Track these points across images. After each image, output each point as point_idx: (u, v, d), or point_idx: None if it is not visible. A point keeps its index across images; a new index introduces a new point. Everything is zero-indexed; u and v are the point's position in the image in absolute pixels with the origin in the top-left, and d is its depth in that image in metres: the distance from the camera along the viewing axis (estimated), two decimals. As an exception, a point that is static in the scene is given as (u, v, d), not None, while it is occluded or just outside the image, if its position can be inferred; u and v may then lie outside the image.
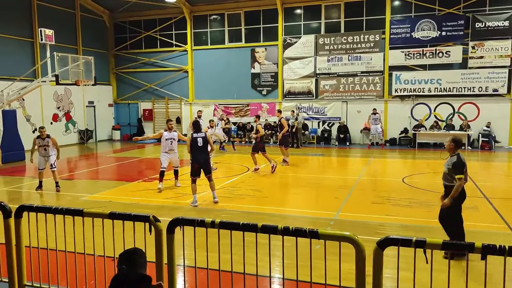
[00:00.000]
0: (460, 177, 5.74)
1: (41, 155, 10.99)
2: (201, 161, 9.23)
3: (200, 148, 9.21)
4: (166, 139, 10.78)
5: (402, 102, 21.02)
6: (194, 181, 9.30)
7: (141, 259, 3.01)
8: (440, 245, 3.08)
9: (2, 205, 4.47)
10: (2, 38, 19.25)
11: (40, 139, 10.93)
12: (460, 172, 5.77)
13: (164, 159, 10.88)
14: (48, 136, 10.98)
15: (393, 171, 14.61)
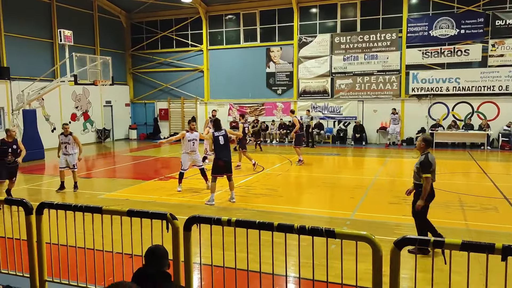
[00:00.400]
0: (427, 176, 5.86)
1: (63, 153, 10.87)
2: (225, 159, 9.21)
3: (222, 146, 9.23)
4: (188, 140, 10.52)
5: (419, 101, 20.76)
6: (215, 179, 9.31)
7: (162, 257, 3.06)
8: (459, 245, 3.04)
9: (24, 202, 4.57)
10: (23, 39, 19.67)
11: (63, 135, 10.80)
12: (427, 171, 5.88)
13: (185, 160, 10.65)
14: (70, 134, 10.84)
15: (410, 171, 14.33)
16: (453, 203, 9.13)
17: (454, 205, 9.01)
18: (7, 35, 18.86)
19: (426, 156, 6.00)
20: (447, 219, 7.98)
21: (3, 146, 9.29)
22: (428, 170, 5.87)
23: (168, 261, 3.10)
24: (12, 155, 9.30)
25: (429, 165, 5.89)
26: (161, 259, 3.04)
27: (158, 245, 3.18)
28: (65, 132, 10.80)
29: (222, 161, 9.19)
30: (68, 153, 10.80)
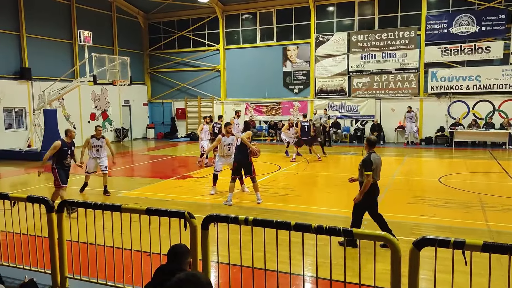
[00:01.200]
0: (368, 174, 6.11)
1: (93, 156, 10.22)
2: (239, 160, 9.30)
3: (238, 148, 9.38)
4: (224, 145, 10.01)
5: (438, 100, 20.42)
6: (234, 180, 9.34)
7: (183, 256, 3.09)
8: (480, 246, 2.99)
9: (45, 200, 4.67)
10: (44, 41, 20.09)
11: (95, 138, 10.16)
12: (368, 169, 6.13)
13: (219, 163, 10.21)
14: (103, 137, 10.26)
15: (429, 171, 14.23)
16: (474, 203, 8.96)
17: (475, 205, 8.85)
18: (28, 37, 19.28)
19: (369, 155, 6.27)
20: (467, 220, 7.85)
21: (64, 147, 8.46)
22: (369, 168, 6.11)
23: (189, 260, 3.13)
24: (71, 157, 8.63)
25: (370, 163, 6.13)
26: (182, 258, 3.07)
27: (180, 244, 3.21)
28: (97, 135, 10.21)
29: (236, 162, 9.35)
30: (100, 157, 10.23)
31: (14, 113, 19.06)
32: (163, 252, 3.55)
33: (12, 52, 18.81)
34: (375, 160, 6.21)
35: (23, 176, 13.90)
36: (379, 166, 6.30)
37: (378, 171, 6.29)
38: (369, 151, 6.38)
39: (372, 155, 6.27)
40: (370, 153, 6.31)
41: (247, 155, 9.33)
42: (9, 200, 4.91)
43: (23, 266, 5.11)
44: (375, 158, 6.25)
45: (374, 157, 6.26)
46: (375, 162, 6.19)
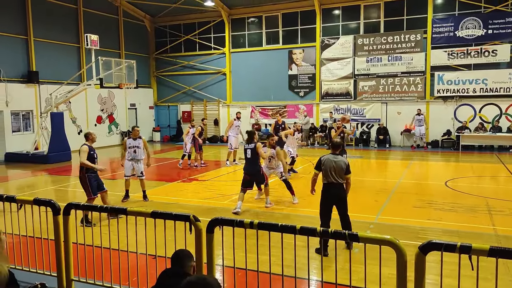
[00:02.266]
0: (315, 171, 6.60)
1: (129, 158, 9.84)
2: (250, 172, 8.93)
3: (249, 160, 8.96)
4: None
5: (444, 103, 20.33)
6: (244, 191, 8.98)
7: (185, 259, 3.10)
8: (487, 251, 2.96)
9: (52, 203, 4.70)
10: (51, 44, 20.26)
11: (132, 139, 9.88)
12: (315, 167, 6.56)
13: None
14: (140, 137, 9.95)
15: (435, 174, 14.14)
16: (481, 208, 8.90)
17: (482, 209, 8.78)
18: (36, 41, 19.46)
19: (323, 157, 6.56)
20: (474, 224, 7.79)
21: (91, 152, 8.08)
22: (317, 166, 6.53)
23: (192, 263, 3.14)
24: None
25: (318, 162, 6.50)
26: (184, 261, 3.08)
27: (183, 249, 3.24)
28: (134, 136, 9.90)
29: (247, 175, 8.96)
30: (137, 159, 9.89)
31: (21, 116, 19.21)
32: (168, 255, 3.56)
33: (20, 56, 18.99)
34: (325, 161, 6.39)
35: (30, 178, 14.00)
36: (330, 168, 6.33)
37: (329, 173, 6.34)
38: (331, 152, 6.57)
39: (326, 156, 6.48)
40: (329, 155, 6.48)
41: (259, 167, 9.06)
42: (16, 203, 4.94)
43: (29, 269, 5.14)
44: (327, 160, 6.40)
45: (327, 158, 6.41)
46: (324, 163, 6.38)
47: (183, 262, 3.07)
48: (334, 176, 6.33)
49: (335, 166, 6.34)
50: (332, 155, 6.49)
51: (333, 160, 6.38)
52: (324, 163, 6.39)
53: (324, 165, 6.39)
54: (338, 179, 6.34)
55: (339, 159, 6.42)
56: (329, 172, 6.34)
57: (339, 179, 6.34)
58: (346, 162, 6.48)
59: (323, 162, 6.41)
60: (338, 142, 6.75)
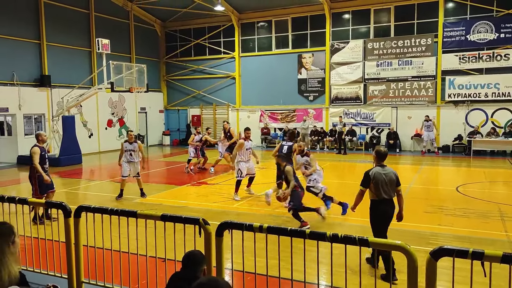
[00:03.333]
0: (361, 188, 5.74)
1: (126, 160, 10.53)
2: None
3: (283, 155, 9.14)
4: (246, 149, 10.35)
5: (456, 108, 20.14)
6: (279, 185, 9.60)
7: (196, 263, 3.10)
8: (500, 257, 2.92)
9: (63, 205, 4.74)
10: (63, 49, 20.52)
11: (128, 143, 10.56)
12: (362, 184, 5.71)
13: (243, 168, 10.37)
14: (135, 141, 10.64)
15: (446, 180, 14.00)
16: (493, 213, 8.78)
17: (494, 215, 8.66)
18: (48, 45, 19.72)
19: (370, 170, 5.72)
20: (486, 230, 7.69)
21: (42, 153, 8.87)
22: (364, 183, 5.70)
23: (204, 267, 3.14)
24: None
25: (367, 179, 5.64)
26: (197, 266, 3.08)
27: (195, 250, 3.23)
28: (129, 140, 10.60)
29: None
30: (134, 161, 10.58)
31: (33, 119, 19.45)
32: (178, 258, 3.56)
33: (33, 60, 19.26)
34: (375, 176, 5.59)
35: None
36: (381, 183, 5.58)
37: (382, 188, 5.58)
38: (377, 164, 5.77)
39: (374, 169, 5.67)
40: (375, 167, 5.74)
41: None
42: (28, 205, 5.00)
43: (40, 270, 5.19)
44: (377, 173, 5.61)
45: (376, 172, 5.63)
46: (375, 179, 5.58)
47: (195, 266, 3.07)
48: (386, 191, 5.60)
49: (386, 180, 5.60)
50: (379, 167, 5.71)
51: (382, 173, 5.63)
52: (374, 177, 5.59)
53: (374, 180, 5.59)
54: (391, 194, 5.64)
55: (388, 171, 5.69)
56: (380, 187, 5.58)
57: (391, 193, 5.65)
58: (396, 173, 5.76)
59: (373, 177, 5.59)
60: (384, 151, 5.88)
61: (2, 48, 17.90)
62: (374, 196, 5.65)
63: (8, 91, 18.01)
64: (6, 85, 18.02)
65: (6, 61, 18.01)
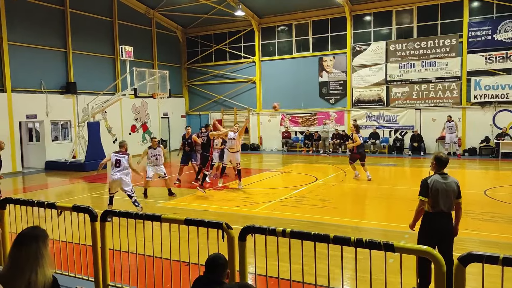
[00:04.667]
0: (421, 199, 4.98)
1: (152, 164, 11.29)
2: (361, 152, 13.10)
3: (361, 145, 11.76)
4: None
5: (482, 109, 19.63)
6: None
7: (219, 267, 3.10)
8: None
9: (89, 209, 4.85)
10: (88, 56, 21.02)
11: (152, 149, 11.30)
12: (421, 193, 4.97)
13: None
14: (158, 146, 11.44)
15: (473, 183, 13.64)
16: (523, 218, 8.49)
17: (524, 220, 8.38)
18: (74, 53, 20.24)
19: (428, 177, 5.06)
20: (516, 235, 7.45)
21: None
22: (422, 192, 4.98)
23: (227, 271, 3.15)
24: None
25: (425, 187, 4.95)
26: (220, 270, 3.08)
27: (218, 254, 3.24)
28: (153, 145, 11.36)
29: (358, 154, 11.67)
30: (159, 164, 11.36)
31: (60, 125, 19.97)
32: (201, 262, 3.59)
33: (59, 68, 19.80)
34: (434, 185, 4.91)
35: (68, 186, 14.49)
36: (440, 193, 4.90)
37: (439, 200, 4.90)
38: (436, 172, 5.09)
39: (433, 177, 4.99)
40: (434, 175, 5.07)
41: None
42: (56, 209, 5.13)
43: (68, 273, 5.31)
44: (436, 182, 4.93)
45: (436, 180, 4.95)
46: (434, 188, 4.90)
47: (219, 270, 3.08)
48: (444, 203, 4.92)
49: (446, 190, 4.91)
50: (439, 175, 5.02)
51: (443, 182, 4.93)
52: (433, 186, 4.91)
53: (432, 189, 4.90)
54: (449, 207, 4.95)
55: (449, 180, 4.98)
56: (439, 198, 4.89)
57: (450, 207, 4.96)
58: (458, 182, 5.08)
59: (432, 185, 4.91)
60: (446, 157, 5.16)
61: (31, 57, 18.47)
62: (429, 208, 4.97)
63: (37, 99, 18.57)
64: (35, 92, 18.58)
65: (35, 70, 18.57)
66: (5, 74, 17.35)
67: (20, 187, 14.82)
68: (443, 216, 4.94)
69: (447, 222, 4.96)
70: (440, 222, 4.94)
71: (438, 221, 4.94)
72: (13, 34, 17.66)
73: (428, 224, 4.99)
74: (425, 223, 5.03)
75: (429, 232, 4.96)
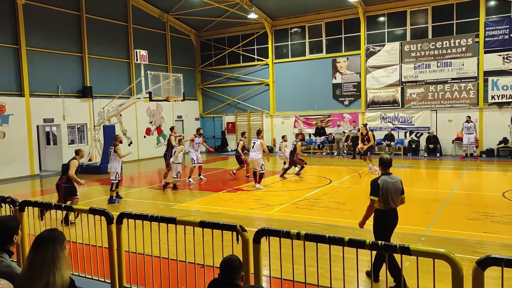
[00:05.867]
0: (372, 198, 5.41)
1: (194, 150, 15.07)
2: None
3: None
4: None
5: (500, 110, 19.28)
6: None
7: (234, 269, 3.10)
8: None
9: (106, 212, 4.91)
10: (104, 60, 21.32)
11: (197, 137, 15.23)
12: (372, 193, 5.39)
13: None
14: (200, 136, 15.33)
15: (491, 185, 13.40)
16: (543, 221, 8.31)
17: (545, 222, 8.19)
18: (90, 57, 20.55)
19: (378, 178, 5.48)
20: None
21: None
22: (373, 192, 5.38)
23: (242, 274, 3.14)
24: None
25: (376, 187, 5.37)
26: (234, 272, 3.08)
27: (233, 256, 3.24)
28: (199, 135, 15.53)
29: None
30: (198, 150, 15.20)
31: (76, 129, 20.27)
32: (216, 264, 3.60)
33: (76, 72, 20.12)
34: (384, 185, 5.35)
35: (84, 188, 14.66)
36: (390, 192, 5.36)
37: (391, 197, 5.37)
38: (383, 172, 5.56)
39: (382, 178, 5.44)
40: (381, 175, 5.52)
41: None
42: (73, 212, 5.20)
43: (85, 275, 5.38)
44: (386, 182, 5.39)
45: (385, 180, 5.41)
46: (384, 187, 5.34)
47: (234, 273, 3.07)
48: (394, 200, 5.41)
49: (395, 188, 5.42)
50: (387, 175, 5.51)
51: (391, 182, 5.43)
52: (383, 186, 5.37)
53: (382, 188, 5.36)
54: (397, 203, 5.47)
55: (396, 179, 5.50)
56: (389, 196, 5.37)
57: (398, 203, 5.48)
58: (401, 180, 5.59)
59: (382, 185, 5.37)
60: (388, 159, 5.65)
61: (48, 62, 18.81)
62: (382, 205, 5.39)
63: (54, 103, 18.89)
64: (52, 97, 18.91)
65: (52, 74, 18.91)
66: (23, 79, 17.70)
67: (38, 189, 15.08)
68: (394, 212, 5.50)
69: (397, 217, 5.55)
70: (393, 217, 5.50)
71: (391, 217, 5.49)
72: (31, 40, 18.02)
73: (383, 220, 5.47)
74: (379, 220, 5.49)
75: (386, 227, 5.48)
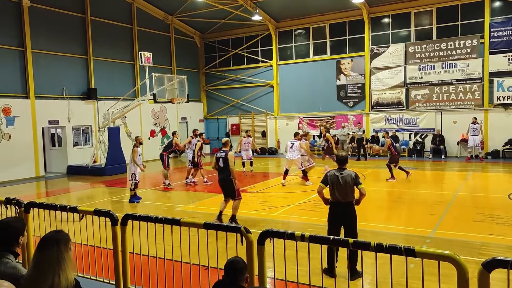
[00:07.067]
0: (320, 184, 5.97)
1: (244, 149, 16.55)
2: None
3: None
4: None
5: (505, 111, 19.17)
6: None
7: (238, 271, 3.10)
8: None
9: (110, 213, 4.92)
10: (108, 62, 21.41)
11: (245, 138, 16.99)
12: (321, 181, 5.99)
13: None
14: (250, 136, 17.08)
15: (497, 187, 13.31)
16: (550, 222, 8.24)
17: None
18: (95, 60, 20.65)
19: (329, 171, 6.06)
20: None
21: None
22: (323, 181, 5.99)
23: (246, 275, 3.14)
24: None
25: (325, 178, 5.97)
26: (238, 273, 3.08)
27: (237, 258, 3.23)
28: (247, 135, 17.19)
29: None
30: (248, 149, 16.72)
31: (81, 131, 20.36)
32: (220, 266, 3.60)
33: (81, 74, 20.22)
34: (330, 178, 5.87)
35: (89, 190, 14.73)
36: (336, 185, 5.80)
37: (336, 189, 5.80)
38: (338, 167, 5.99)
39: (332, 171, 5.96)
40: (335, 170, 5.97)
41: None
42: (78, 213, 5.22)
43: (90, 276, 5.39)
44: (333, 175, 5.87)
45: (333, 174, 5.89)
46: (330, 180, 5.86)
47: (238, 275, 3.07)
48: (340, 193, 5.79)
49: (340, 181, 5.79)
50: (337, 170, 5.94)
51: (338, 175, 5.84)
52: (329, 178, 5.89)
53: (329, 180, 5.89)
54: (344, 197, 5.79)
55: (344, 174, 5.85)
56: (335, 189, 5.82)
57: (346, 197, 5.79)
58: (353, 174, 5.87)
59: (328, 178, 5.90)
60: (342, 156, 6.08)
61: (54, 64, 18.92)
62: (330, 197, 5.92)
63: (59, 105, 18.99)
64: (57, 99, 19.01)
65: (57, 76, 19.01)
66: (28, 81, 17.81)
67: (43, 191, 15.16)
68: (340, 204, 5.79)
69: (344, 210, 5.77)
70: (337, 209, 5.81)
71: (336, 209, 5.83)
72: (36, 42, 18.13)
73: (330, 211, 5.92)
74: (329, 211, 5.94)
75: (331, 218, 5.88)
